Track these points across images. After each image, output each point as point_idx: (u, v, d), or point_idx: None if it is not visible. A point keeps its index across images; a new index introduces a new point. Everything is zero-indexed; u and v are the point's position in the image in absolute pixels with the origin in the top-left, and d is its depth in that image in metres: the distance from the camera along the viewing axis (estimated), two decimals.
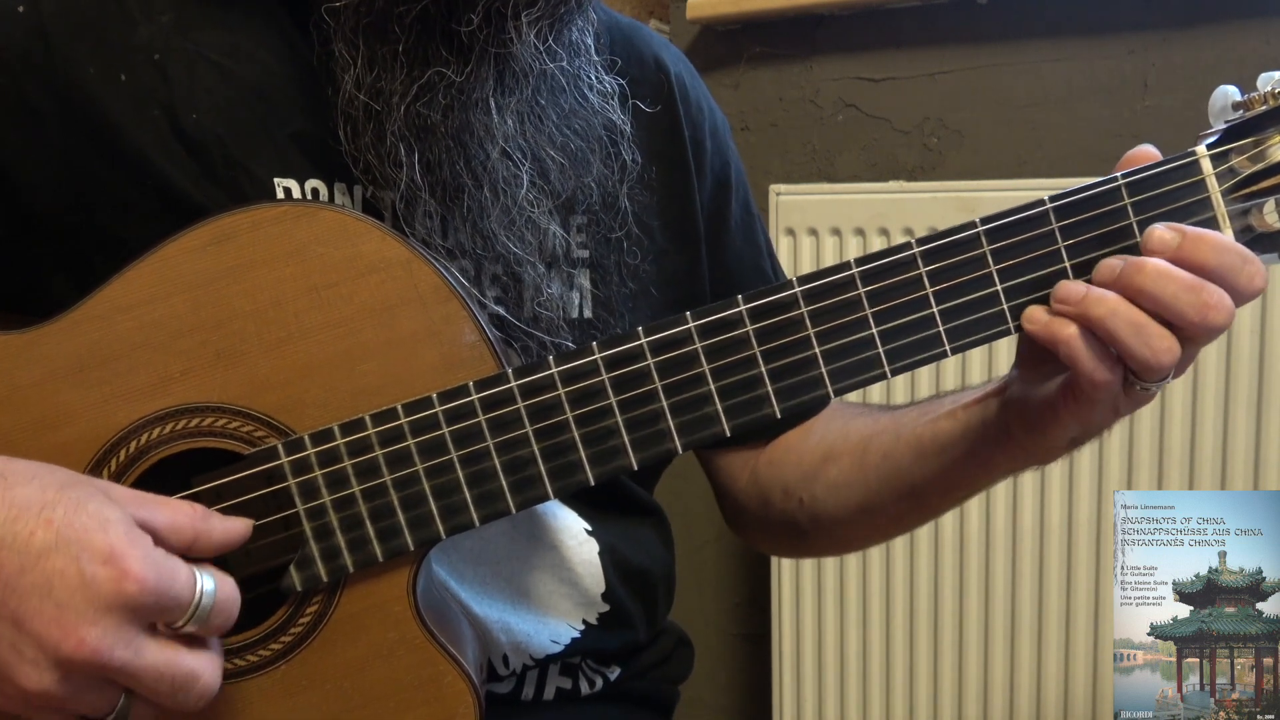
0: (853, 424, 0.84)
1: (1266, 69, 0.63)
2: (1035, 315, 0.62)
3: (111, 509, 0.55)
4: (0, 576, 0.53)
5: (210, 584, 0.56)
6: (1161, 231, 0.60)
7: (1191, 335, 0.60)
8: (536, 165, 0.71)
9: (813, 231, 1.52)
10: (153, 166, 0.69)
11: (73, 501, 0.55)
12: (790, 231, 1.53)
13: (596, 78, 0.75)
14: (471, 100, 0.68)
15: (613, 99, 0.76)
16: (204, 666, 0.57)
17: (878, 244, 0.60)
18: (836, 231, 1.51)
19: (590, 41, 0.76)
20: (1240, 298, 0.60)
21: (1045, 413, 0.65)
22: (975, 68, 1.52)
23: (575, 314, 0.77)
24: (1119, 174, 0.62)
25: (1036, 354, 0.65)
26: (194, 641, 0.57)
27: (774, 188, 1.54)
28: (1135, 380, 0.61)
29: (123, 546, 0.54)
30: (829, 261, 1.46)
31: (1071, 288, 0.61)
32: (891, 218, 1.47)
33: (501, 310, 0.72)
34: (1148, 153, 0.63)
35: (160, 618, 0.55)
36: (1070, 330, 0.60)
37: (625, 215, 0.78)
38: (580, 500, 0.80)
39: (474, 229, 0.70)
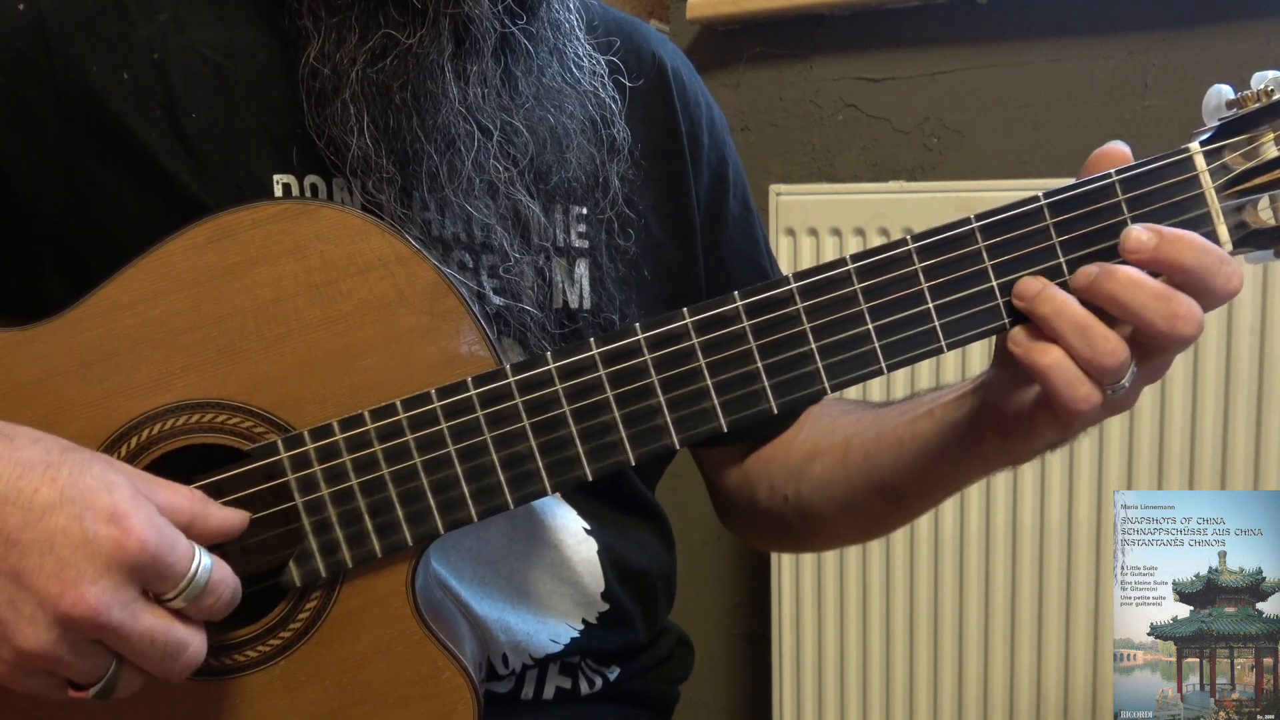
0: (838, 421, 0.84)
1: (1267, 69, 0.63)
2: (1018, 338, 0.61)
3: (115, 474, 0.56)
4: (3, 532, 0.53)
5: (208, 561, 0.57)
6: (1139, 233, 0.60)
7: (1161, 345, 0.60)
8: (505, 135, 0.71)
9: (813, 231, 1.52)
10: (154, 165, 0.69)
11: (77, 463, 0.55)
12: (790, 231, 1.53)
13: (585, 55, 0.76)
14: (426, 64, 0.68)
15: (602, 78, 0.76)
16: (193, 637, 0.57)
17: (877, 244, 0.60)
18: (836, 231, 1.51)
19: (574, 19, 0.76)
20: (1216, 299, 0.60)
21: (1022, 422, 0.65)
22: (975, 68, 1.53)
23: (575, 304, 0.77)
24: (1113, 170, 0.62)
25: (1011, 355, 0.65)
26: (183, 615, 0.57)
27: (774, 188, 1.54)
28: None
29: (126, 507, 0.54)
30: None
31: (1028, 284, 0.61)
32: (891, 218, 1.47)
33: (482, 289, 0.72)
34: (1117, 149, 0.63)
35: (155, 584, 0.56)
36: (1048, 358, 0.60)
37: (615, 195, 0.78)
38: (580, 499, 0.80)
39: (433, 195, 0.70)
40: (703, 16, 1.62)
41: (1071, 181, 0.62)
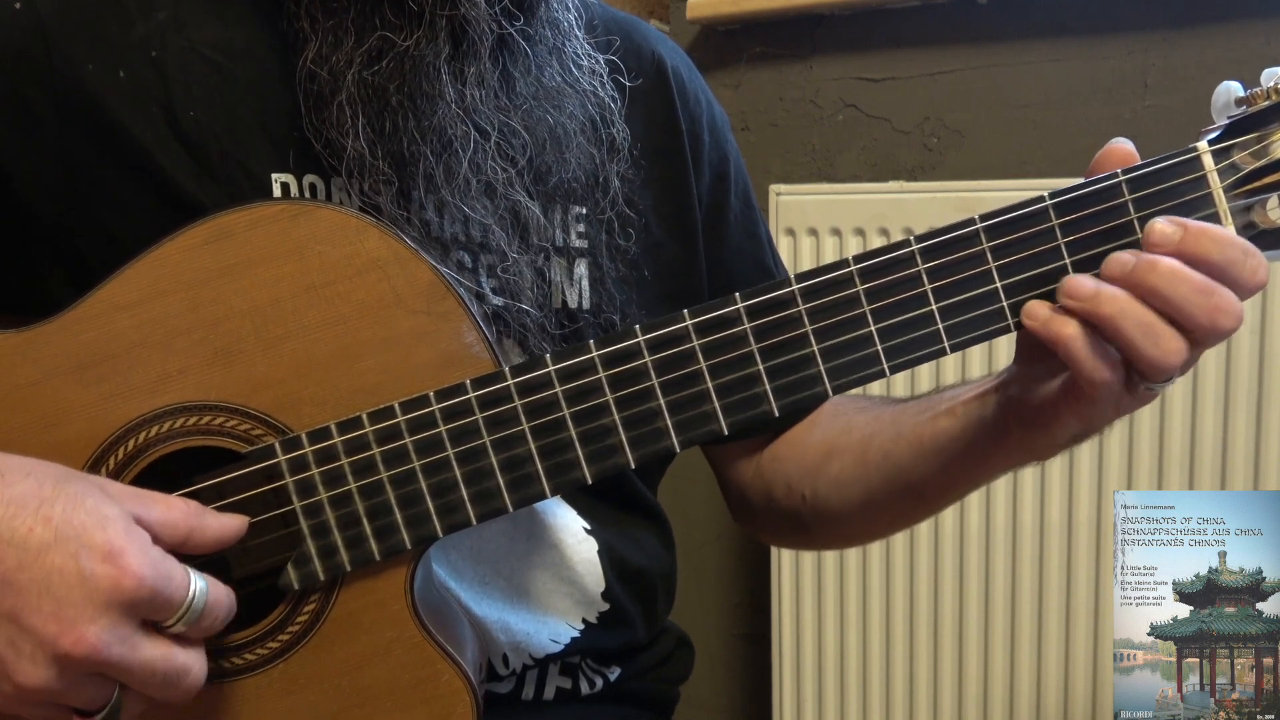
0: (855, 419, 0.84)
1: (1267, 69, 0.62)
2: (1036, 311, 0.61)
3: (109, 505, 0.56)
4: None
5: (202, 584, 0.57)
6: (1163, 225, 0.59)
7: (1199, 338, 0.59)
8: (503, 135, 0.71)
9: (813, 231, 1.52)
10: (152, 164, 0.69)
11: (70, 497, 0.55)
12: (790, 231, 1.53)
13: (584, 55, 0.75)
14: (423, 66, 0.68)
15: (601, 77, 0.76)
16: (193, 661, 0.57)
17: (878, 244, 0.60)
18: (836, 231, 1.51)
19: (573, 18, 0.76)
20: (1243, 292, 0.59)
21: (1045, 411, 0.65)
22: (975, 68, 1.52)
23: (575, 304, 0.77)
24: (1119, 170, 0.61)
25: (1036, 349, 0.64)
26: (183, 639, 0.57)
27: (774, 188, 1.54)
28: (1140, 381, 0.60)
29: (121, 543, 0.54)
30: (829, 262, 1.46)
31: (1082, 283, 0.59)
32: (891, 218, 1.47)
33: (481, 289, 0.72)
34: (1122, 147, 0.62)
35: (153, 615, 0.56)
36: (1070, 329, 0.59)
37: (615, 195, 0.78)
38: (580, 499, 0.79)
39: (430, 196, 0.69)
40: (703, 16, 1.62)
41: (1077, 181, 0.62)
